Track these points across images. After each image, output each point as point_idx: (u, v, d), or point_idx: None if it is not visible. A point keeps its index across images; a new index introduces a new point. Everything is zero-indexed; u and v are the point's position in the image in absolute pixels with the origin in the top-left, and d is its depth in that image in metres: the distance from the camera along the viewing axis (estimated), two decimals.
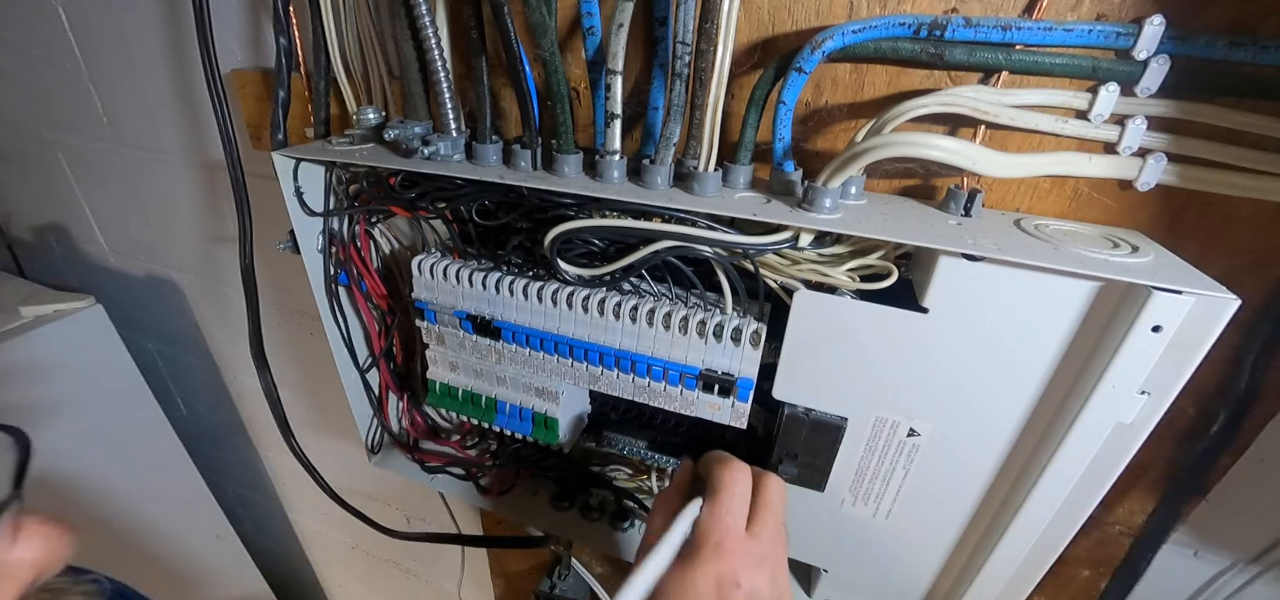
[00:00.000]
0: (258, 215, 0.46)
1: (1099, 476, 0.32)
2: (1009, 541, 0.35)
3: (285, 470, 1.11)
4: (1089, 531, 0.46)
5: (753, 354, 0.35)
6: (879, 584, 0.43)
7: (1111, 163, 0.32)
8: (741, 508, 0.29)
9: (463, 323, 0.42)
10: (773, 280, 0.34)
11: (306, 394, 0.84)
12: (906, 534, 0.39)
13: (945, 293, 0.30)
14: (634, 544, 0.51)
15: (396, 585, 1.13)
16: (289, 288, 0.73)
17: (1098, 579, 0.48)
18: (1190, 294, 0.26)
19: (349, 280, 0.47)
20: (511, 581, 0.88)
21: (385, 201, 0.43)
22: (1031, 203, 0.35)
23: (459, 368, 0.45)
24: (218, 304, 0.85)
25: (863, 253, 0.33)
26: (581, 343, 0.38)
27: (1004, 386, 0.32)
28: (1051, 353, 0.30)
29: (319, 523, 1.17)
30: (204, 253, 0.79)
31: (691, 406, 0.38)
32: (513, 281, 0.39)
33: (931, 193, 0.36)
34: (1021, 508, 0.33)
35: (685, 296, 0.38)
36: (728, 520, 0.28)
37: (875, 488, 0.38)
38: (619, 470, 0.51)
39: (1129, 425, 0.30)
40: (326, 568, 1.29)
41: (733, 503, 0.28)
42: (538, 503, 0.53)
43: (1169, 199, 0.33)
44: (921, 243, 0.28)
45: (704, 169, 0.33)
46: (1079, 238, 0.31)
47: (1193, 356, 0.27)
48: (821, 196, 0.31)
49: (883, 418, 0.35)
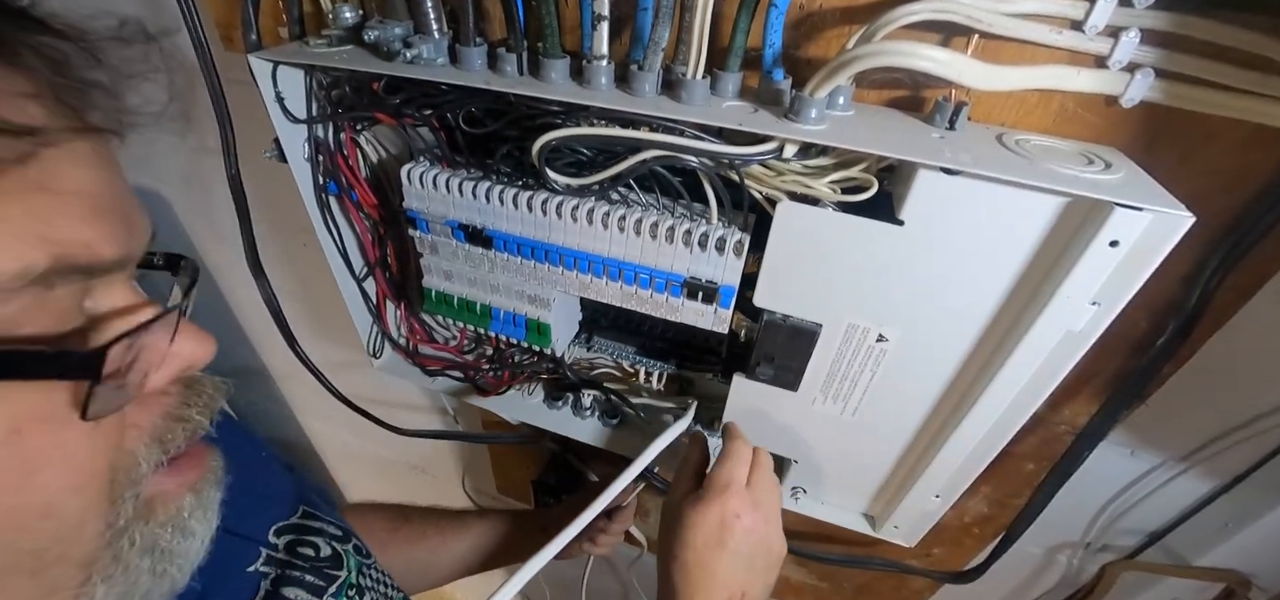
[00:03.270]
0: (237, 122, 0.45)
1: (1045, 379, 0.34)
2: (959, 436, 0.39)
3: (292, 377, 1.15)
4: (1036, 429, 0.50)
5: (735, 263, 0.37)
6: (843, 472, 0.48)
7: (1100, 77, 0.32)
8: (743, 467, 0.36)
9: (454, 232, 0.43)
10: (757, 191, 0.35)
11: (305, 303, 0.86)
12: (870, 429, 0.43)
13: (921, 206, 0.32)
14: (622, 439, 0.55)
15: (406, 480, 1.22)
16: (277, 198, 0.72)
17: (1040, 472, 0.53)
18: (1149, 211, 0.27)
19: (339, 190, 0.47)
20: (510, 473, 0.95)
21: (370, 108, 0.42)
22: (1017, 118, 0.35)
23: (453, 276, 0.46)
24: (207, 217, 0.85)
25: (846, 165, 0.33)
26: (571, 251, 0.40)
27: (969, 296, 0.34)
28: (1017, 264, 0.32)
29: (327, 425, 1.24)
30: (189, 164, 0.77)
31: (677, 313, 0.40)
32: (502, 191, 0.39)
33: (920, 104, 0.36)
34: (973, 407, 0.37)
35: (672, 207, 0.39)
36: (734, 472, 0.35)
37: (844, 388, 0.41)
38: (609, 372, 0.55)
39: (1077, 333, 0.32)
40: (339, 468, 1.38)
41: (737, 462, 0.36)
42: (533, 402, 0.57)
43: (1150, 118, 0.33)
44: (902, 156, 0.29)
45: (692, 76, 0.33)
46: (1056, 154, 0.31)
47: (1143, 270, 0.29)
48: (808, 107, 0.31)
49: (855, 324, 0.37)
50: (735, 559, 0.33)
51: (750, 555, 0.34)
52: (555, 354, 0.49)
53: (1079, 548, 0.62)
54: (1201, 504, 0.53)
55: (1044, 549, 0.64)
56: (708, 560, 0.33)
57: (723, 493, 0.34)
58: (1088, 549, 0.62)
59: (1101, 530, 0.59)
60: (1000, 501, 0.58)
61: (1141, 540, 0.58)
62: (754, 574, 0.34)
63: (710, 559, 0.33)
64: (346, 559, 0.38)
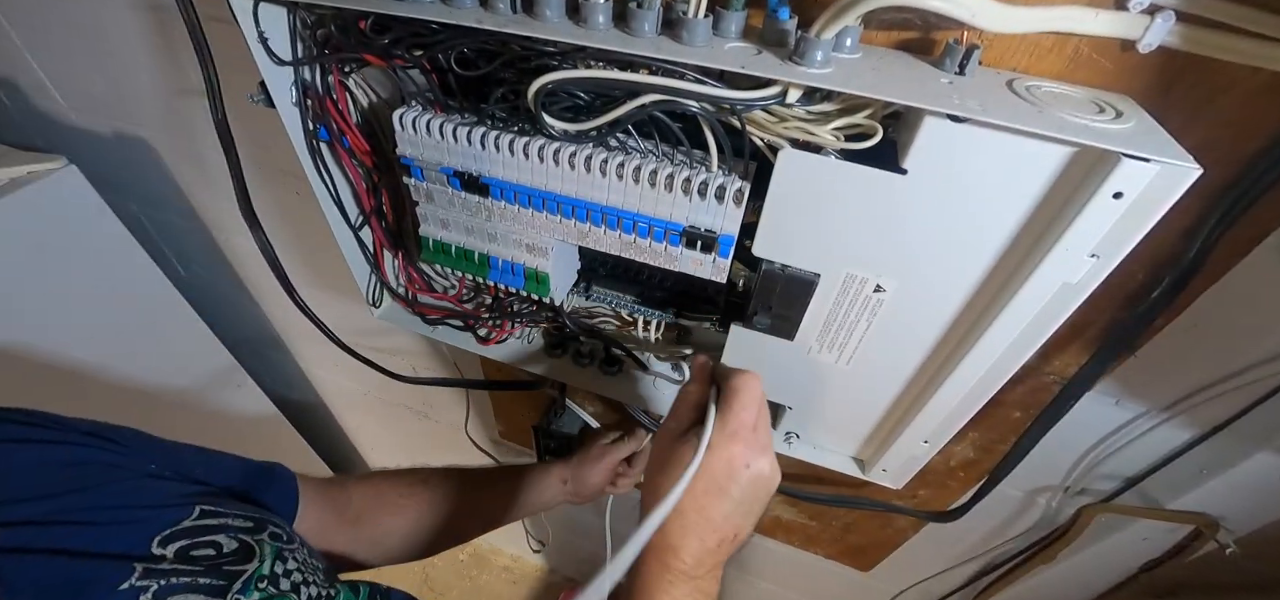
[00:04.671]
0: (221, 64, 0.43)
1: (1038, 330, 0.35)
2: (950, 386, 0.40)
3: (293, 326, 1.16)
4: (1025, 379, 0.51)
5: (735, 212, 0.37)
6: (836, 418, 0.50)
7: (1118, 20, 0.30)
8: (752, 409, 0.33)
9: (450, 179, 0.42)
10: (758, 138, 0.34)
11: (302, 252, 0.85)
12: (864, 377, 0.44)
13: (926, 154, 0.31)
14: (621, 386, 0.57)
15: (410, 425, 1.26)
16: (267, 144, 0.70)
17: (1026, 420, 0.54)
18: (1156, 162, 0.26)
19: (329, 136, 0.46)
20: (512, 419, 0.98)
21: (357, 49, 0.40)
22: (1030, 62, 0.34)
23: (450, 224, 0.46)
24: (195, 163, 0.83)
25: (850, 111, 0.33)
26: (569, 199, 0.39)
27: (968, 247, 0.34)
28: (1019, 214, 0.32)
29: (331, 373, 1.26)
30: (170, 107, 0.74)
31: (675, 262, 0.40)
32: (498, 137, 0.38)
33: (930, 47, 0.35)
34: (965, 357, 0.37)
35: (671, 154, 0.38)
36: (743, 416, 0.33)
37: (840, 337, 0.41)
38: (607, 320, 0.55)
39: (1074, 284, 0.32)
40: (344, 414, 1.41)
41: (745, 404, 0.33)
42: (533, 350, 0.58)
43: (1166, 65, 0.32)
44: (907, 102, 0.28)
45: (694, 15, 0.31)
46: (1067, 101, 0.31)
47: (1145, 223, 0.29)
48: (814, 49, 0.30)
49: (853, 274, 0.37)
50: (736, 505, 0.32)
51: (751, 500, 0.33)
52: (554, 303, 0.50)
53: (1058, 491, 0.65)
54: (1179, 451, 0.55)
55: (1024, 492, 0.67)
56: (705, 506, 0.32)
57: (732, 440, 0.32)
58: (1067, 493, 0.64)
59: (1082, 475, 0.62)
60: (986, 447, 0.60)
61: (1119, 484, 0.61)
62: (750, 516, 0.34)
63: (708, 505, 0.32)
64: (259, 548, 0.35)
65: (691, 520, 0.32)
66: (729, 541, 0.33)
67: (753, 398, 0.34)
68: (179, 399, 1.00)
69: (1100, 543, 0.66)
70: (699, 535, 0.32)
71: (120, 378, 0.89)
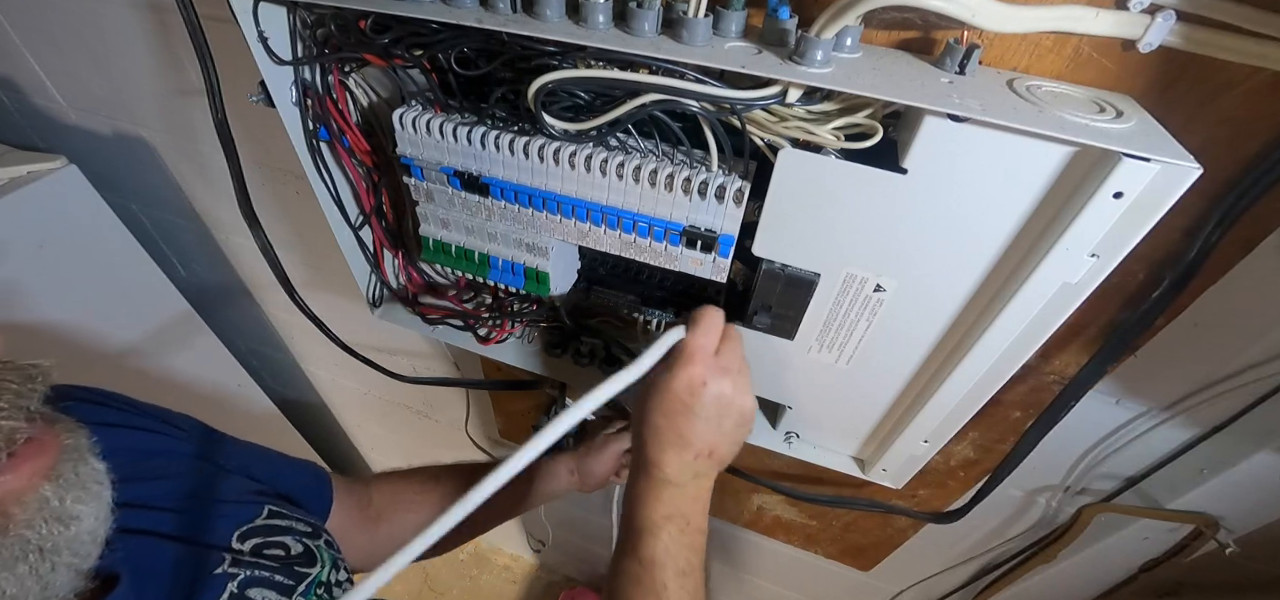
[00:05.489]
0: (221, 63, 0.43)
1: (1038, 330, 0.35)
2: (950, 386, 0.40)
3: (293, 326, 1.16)
4: (1025, 379, 0.51)
5: (735, 212, 0.37)
6: (835, 418, 0.50)
7: (1119, 19, 0.30)
8: (712, 337, 0.36)
9: (450, 179, 0.42)
10: (759, 138, 0.34)
11: (301, 252, 0.85)
12: (864, 377, 0.44)
13: (926, 153, 0.31)
14: None
15: (410, 425, 1.25)
16: (267, 144, 0.70)
17: (1026, 419, 0.54)
18: (1156, 162, 0.26)
19: (330, 135, 0.46)
20: (511, 418, 0.98)
21: (357, 49, 0.40)
22: (1030, 62, 0.34)
23: (450, 224, 0.46)
24: (195, 162, 0.83)
25: (851, 110, 0.33)
26: (569, 199, 0.39)
27: (969, 247, 0.34)
28: (1019, 214, 0.32)
29: (331, 373, 1.26)
30: (170, 107, 0.74)
31: (675, 262, 0.40)
32: (498, 136, 0.38)
33: (930, 47, 0.35)
34: (965, 357, 0.37)
35: (671, 153, 0.38)
36: (701, 341, 0.35)
37: (840, 337, 0.41)
38: (608, 321, 0.55)
39: (1074, 285, 0.32)
40: (344, 414, 1.41)
41: (706, 333, 0.36)
42: (533, 350, 0.58)
43: (1167, 64, 0.32)
44: (907, 101, 0.28)
45: (694, 15, 0.31)
46: (1067, 101, 0.31)
47: (1145, 223, 0.29)
48: (814, 48, 0.30)
49: (853, 274, 0.37)
50: (704, 422, 0.35)
51: (718, 417, 0.35)
52: (553, 302, 0.50)
53: (1059, 491, 0.65)
54: (1179, 451, 0.55)
55: (1025, 492, 0.67)
56: (677, 424, 0.35)
57: (690, 361, 0.34)
58: (1067, 492, 0.64)
59: (1082, 475, 0.62)
60: (986, 447, 0.60)
61: (1119, 484, 0.61)
62: (723, 434, 0.36)
63: (679, 422, 0.35)
64: (319, 554, 0.38)
65: (667, 437, 0.35)
66: (706, 456, 0.36)
67: (712, 325, 0.36)
68: (180, 399, 0.99)
69: (1100, 542, 0.66)
70: (676, 449, 0.35)
71: (120, 377, 0.89)
